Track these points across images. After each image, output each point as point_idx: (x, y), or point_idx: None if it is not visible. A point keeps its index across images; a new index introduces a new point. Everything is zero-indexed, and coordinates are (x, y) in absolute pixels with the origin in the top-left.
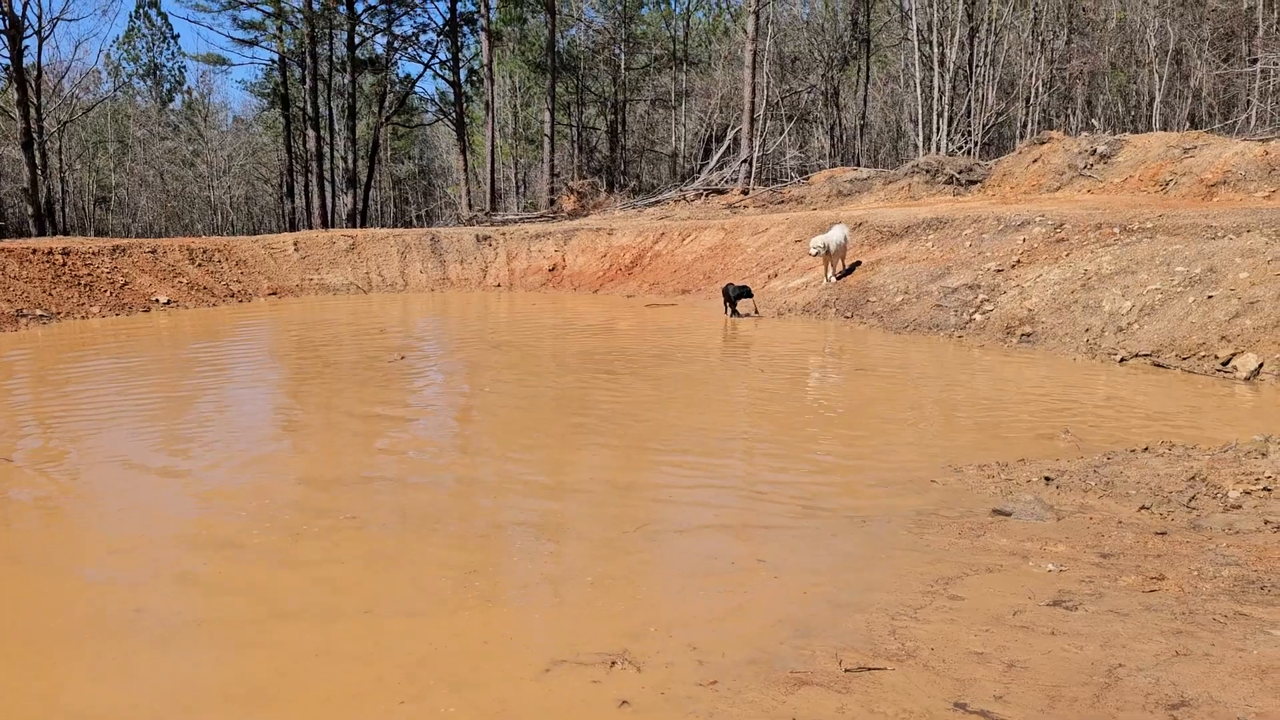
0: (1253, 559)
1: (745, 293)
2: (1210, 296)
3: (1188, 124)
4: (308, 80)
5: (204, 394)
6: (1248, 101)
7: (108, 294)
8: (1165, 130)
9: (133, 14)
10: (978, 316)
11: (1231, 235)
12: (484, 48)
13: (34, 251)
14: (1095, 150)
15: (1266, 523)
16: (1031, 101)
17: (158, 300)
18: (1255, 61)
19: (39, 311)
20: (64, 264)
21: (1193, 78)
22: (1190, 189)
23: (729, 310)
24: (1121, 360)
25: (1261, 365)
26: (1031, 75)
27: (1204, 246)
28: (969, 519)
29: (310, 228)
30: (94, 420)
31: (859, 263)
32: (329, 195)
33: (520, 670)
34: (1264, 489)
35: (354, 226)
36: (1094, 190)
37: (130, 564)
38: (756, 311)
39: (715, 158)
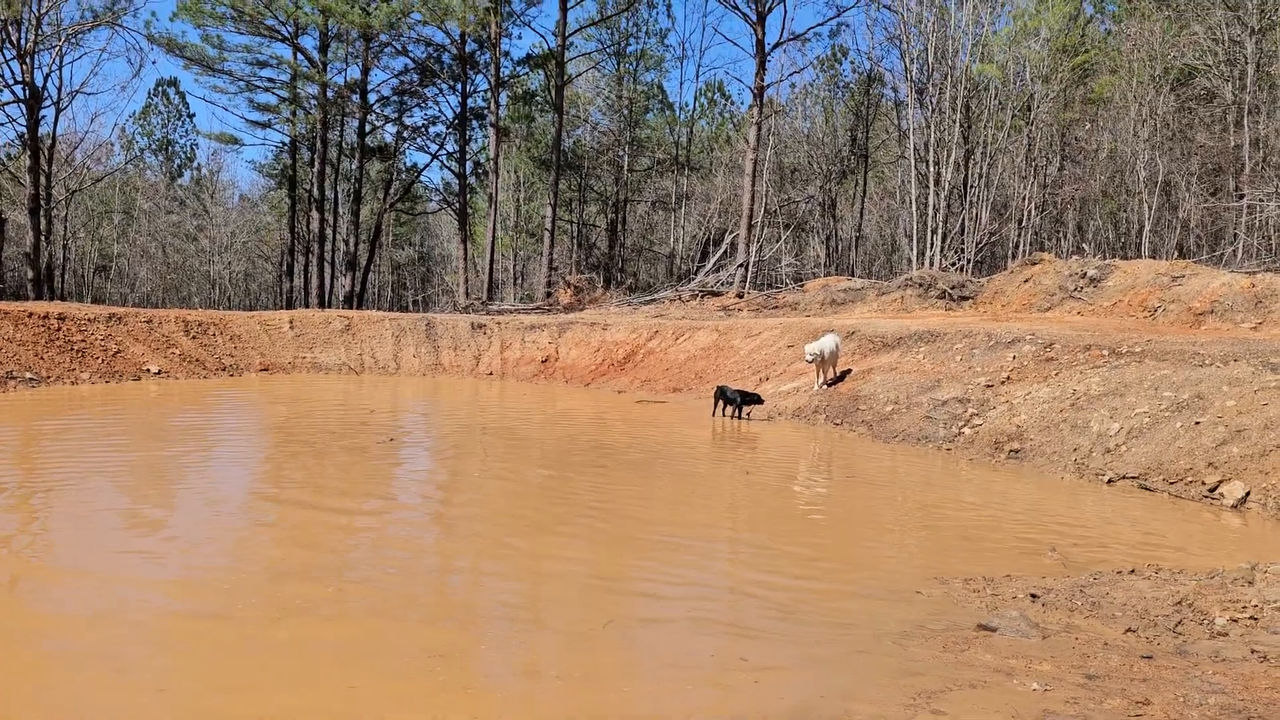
0: (1239, 688)
1: (753, 399)
2: (1198, 423)
3: (1176, 253)
4: (316, 164)
5: (188, 468)
6: (1235, 235)
7: (99, 361)
8: (1154, 258)
9: (151, 91)
10: (967, 430)
11: (1219, 364)
12: (491, 142)
13: (30, 315)
14: (1085, 274)
15: (1253, 652)
16: (1024, 223)
17: (149, 370)
18: (1242, 197)
19: (28, 374)
20: (59, 329)
21: (1181, 209)
22: (1178, 316)
23: (726, 412)
24: (1109, 481)
25: (1248, 494)
26: (1024, 198)
27: (1192, 373)
28: (954, 632)
29: (307, 307)
30: (73, 489)
31: (850, 371)
32: (328, 276)
33: None
34: (1250, 618)
35: (351, 308)
36: (1084, 312)
37: (110, 634)
38: (748, 416)
39: (712, 260)
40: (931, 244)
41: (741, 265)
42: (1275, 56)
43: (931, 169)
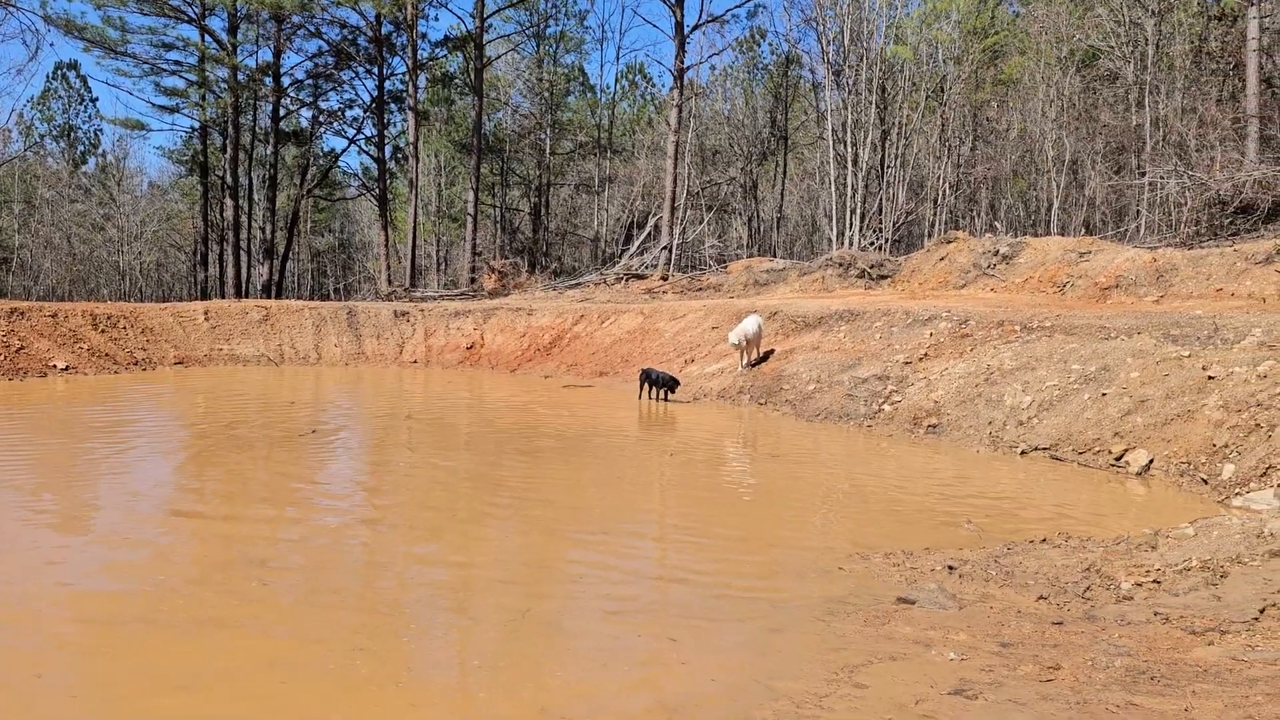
0: (1143, 649)
1: (672, 383)
2: (1104, 394)
3: (1083, 230)
4: (229, 149)
5: (100, 466)
6: (1137, 211)
7: (1, 358)
8: (1063, 235)
9: (50, 74)
10: (886, 407)
11: (1124, 336)
12: (410, 126)
13: None
14: (998, 251)
15: (1156, 614)
16: (939, 202)
17: (56, 366)
18: (1144, 174)
19: None
20: None
21: (1087, 187)
22: (1086, 291)
23: (652, 394)
24: (1022, 453)
25: (1152, 461)
26: (939, 178)
27: (1098, 346)
28: (875, 606)
29: (224, 297)
30: None
31: (773, 351)
32: (245, 265)
33: None
34: (1154, 581)
35: (269, 297)
36: (997, 289)
37: (28, 634)
38: (667, 398)
39: (636, 243)
40: (851, 224)
41: (665, 248)
42: (1174, 38)
43: (849, 150)
